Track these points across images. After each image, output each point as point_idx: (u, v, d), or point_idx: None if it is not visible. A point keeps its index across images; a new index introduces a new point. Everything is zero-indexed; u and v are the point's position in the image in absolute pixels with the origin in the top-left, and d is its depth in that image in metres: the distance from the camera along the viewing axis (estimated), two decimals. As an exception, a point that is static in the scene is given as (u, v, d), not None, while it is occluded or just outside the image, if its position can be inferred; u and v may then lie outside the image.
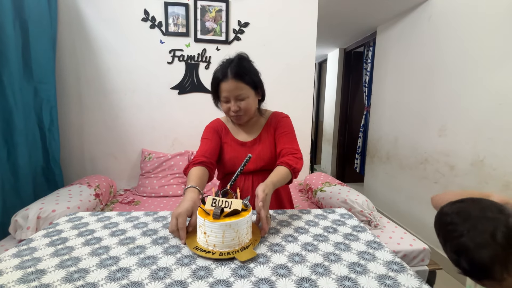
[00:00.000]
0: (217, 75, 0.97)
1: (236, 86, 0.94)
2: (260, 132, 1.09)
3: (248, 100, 0.98)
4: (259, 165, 1.05)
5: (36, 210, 1.24)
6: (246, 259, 0.62)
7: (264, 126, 1.10)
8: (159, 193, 1.87)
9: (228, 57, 0.99)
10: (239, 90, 0.95)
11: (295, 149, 1.01)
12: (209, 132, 1.10)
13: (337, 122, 3.93)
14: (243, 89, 0.96)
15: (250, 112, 1.02)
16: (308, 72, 2.17)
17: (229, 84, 0.94)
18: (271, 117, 1.11)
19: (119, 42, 1.94)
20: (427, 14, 2.14)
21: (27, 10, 1.52)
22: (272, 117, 1.11)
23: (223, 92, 0.96)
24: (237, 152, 1.06)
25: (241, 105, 0.97)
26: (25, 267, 0.60)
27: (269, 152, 1.06)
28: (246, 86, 0.96)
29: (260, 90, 1.03)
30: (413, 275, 0.59)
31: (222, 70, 0.96)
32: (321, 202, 1.62)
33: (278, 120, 1.09)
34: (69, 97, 1.95)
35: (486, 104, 1.64)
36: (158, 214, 0.91)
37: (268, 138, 1.08)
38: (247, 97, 0.98)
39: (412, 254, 1.25)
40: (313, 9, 2.09)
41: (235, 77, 0.94)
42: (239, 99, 0.97)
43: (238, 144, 1.08)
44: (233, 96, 0.96)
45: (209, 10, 1.98)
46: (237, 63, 0.96)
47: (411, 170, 2.31)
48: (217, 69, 0.98)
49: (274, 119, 1.10)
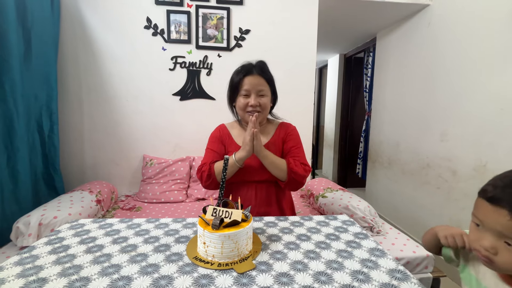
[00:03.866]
0: (240, 72, 1.02)
1: (260, 82, 1.01)
2: (268, 142, 1.09)
3: (267, 99, 1.03)
4: (264, 177, 1.04)
5: (38, 216, 1.24)
6: (244, 271, 0.62)
7: (273, 136, 1.10)
8: (161, 199, 1.87)
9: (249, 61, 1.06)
10: (262, 86, 1.01)
11: (305, 163, 1.04)
12: (213, 142, 1.09)
13: (338, 127, 3.94)
14: (265, 85, 1.02)
15: (266, 111, 1.06)
16: (308, 77, 2.18)
17: (254, 78, 1.00)
18: (279, 127, 1.13)
19: (122, 49, 1.97)
20: (426, 19, 2.16)
21: (30, 18, 1.54)
22: (281, 127, 1.13)
23: (245, 85, 1.00)
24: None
25: (261, 101, 1.01)
26: (27, 275, 0.60)
27: None
28: (267, 85, 1.03)
29: (274, 96, 1.09)
30: (417, 284, 0.58)
31: (246, 67, 1.02)
32: (323, 208, 1.62)
33: (288, 132, 1.11)
34: (71, 104, 1.96)
35: (488, 109, 1.64)
36: (160, 221, 0.91)
37: (276, 149, 1.07)
38: (267, 95, 1.03)
39: (415, 261, 1.24)
40: (314, 15, 2.11)
41: (260, 73, 1.01)
42: (260, 94, 1.01)
43: None
44: (255, 91, 1.00)
45: (211, 17, 2.00)
46: (261, 64, 1.04)
47: (412, 175, 2.30)
48: (238, 69, 1.04)
49: (284, 130, 1.12)
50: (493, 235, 0.51)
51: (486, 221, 0.52)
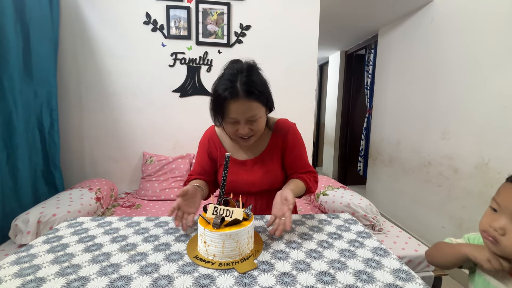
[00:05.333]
0: (223, 93, 0.77)
1: (249, 107, 0.79)
2: (262, 153, 0.94)
3: (260, 120, 0.84)
4: (262, 188, 0.94)
5: (37, 214, 1.23)
6: (246, 271, 0.61)
7: (268, 145, 0.95)
8: (160, 197, 1.86)
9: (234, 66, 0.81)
10: (251, 111, 0.79)
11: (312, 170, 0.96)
12: (200, 151, 1.00)
13: (338, 124, 3.92)
14: (255, 109, 0.80)
15: (260, 132, 0.88)
16: (310, 74, 2.16)
17: (240, 105, 0.78)
18: (275, 128, 0.95)
19: (121, 45, 1.94)
20: (429, 16, 2.13)
21: (28, 13, 1.52)
22: (277, 128, 0.95)
23: (232, 113, 0.79)
24: (236, 174, 0.93)
25: (252, 127, 0.83)
26: (24, 275, 0.59)
27: (275, 174, 0.94)
28: (258, 105, 0.81)
29: (269, 104, 0.87)
30: (422, 284, 0.57)
31: (230, 86, 0.77)
32: (324, 206, 1.61)
33: (287, 138, 0.94)
34: (70, 100, 1.95)
35: (490, 106, 1.63)
36: (160, 219, 0.90)
37: (274, 155, 0.94)
38: (260, 117, 0.83)
39: (417, 259, 1.23)
40: (315, 11, 2.08)
41: (247, 96, 0.77)
42: (251, 120, 0.81)
43: (237, 164, 0.94)
44: (244, 119, 0.80)
45: (211, 13, 1.98)
46: (247, 76, 0.78)
47: (414, 173, 2.29)
48: (223, 83, 0.78)
49: (281, 131, 0.95)
50: (507, 217, 0.55)
51: (505, 202, 0.56)
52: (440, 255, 0.70)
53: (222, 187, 0.76)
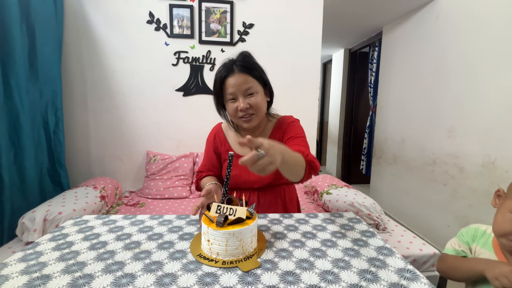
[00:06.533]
0: (221, 73, 0.88)
1: (245, 80, 0.85)
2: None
3: (258, 96, 0.88)
4: (265, 183, 0.95)
5: (43, 212, 1.25)
6: (249, 270, 0.61)
7: (270, 136, 0.97)
8: (164, 195, 1.87)
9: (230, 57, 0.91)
10: (248, 83, 0.86)
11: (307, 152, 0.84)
12: (208, 148, 1.04)
13: (342, 123, 3.90)
14: (251, 82, 0.86)
15: (261, 112, 0.90)
16: (313, 72, 2.15)
17: (236, 78, 0.85)
18: (277, 124, 0.99)
19: (124, 44, 1.95)
20: (434, 13, 2.11)
21: (34, 14, 1.54)
22: (280, 122, 0.99)
23: (229, 88, 0.86)
24: (239, 169, 0.95)
25: (250, 102, 0.87)
26: (30, 272, 0.59)
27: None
28: (254, 80, 0.87)
29: (268, 89, 0.94)
30: (427, 284, 0.56)
31: (227, 65, 0.88)
32: (328, 205, 1.60)
33: (287, 125, 0.96)
34: (75, 99, 1.96)
35: (496, 104, 1.60)
36: (163, 217, 0.91)
37: None
38: (256, 93, 0.88)
39: (422, 259, 1.22)
40: (318, 9, 2.07)
41: (242, 71, 0.86)
42: (248, 94, 0.87)
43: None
44: (241, 92, 0.86)
45: (214, 11, 1.98)
46: (242, 58, 0.89)
47: (418, 172, 2.27)
48: (220, 69, 0.90)
49: (282, 124, 0.98)
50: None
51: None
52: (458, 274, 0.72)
53: (225, 186, 0.76)
